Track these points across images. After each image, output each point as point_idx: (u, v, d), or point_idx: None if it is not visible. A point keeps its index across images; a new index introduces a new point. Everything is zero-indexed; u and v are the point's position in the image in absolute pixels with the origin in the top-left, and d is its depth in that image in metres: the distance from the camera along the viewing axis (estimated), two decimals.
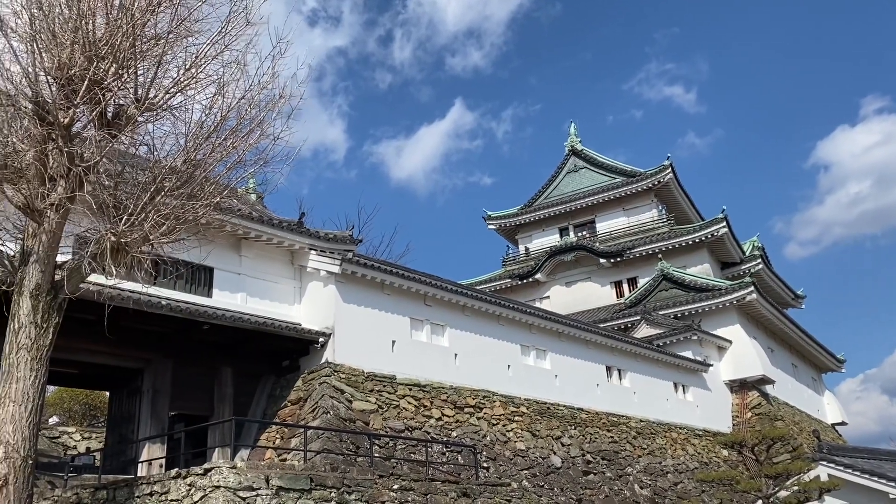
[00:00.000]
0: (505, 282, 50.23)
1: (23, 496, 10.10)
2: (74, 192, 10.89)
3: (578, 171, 53.72)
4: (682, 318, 41.01)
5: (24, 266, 11.11)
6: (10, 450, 10.12)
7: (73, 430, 30.71)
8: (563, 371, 30.27)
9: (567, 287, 48.96)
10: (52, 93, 10.63)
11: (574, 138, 55.37)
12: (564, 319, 32.21)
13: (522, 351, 28.93)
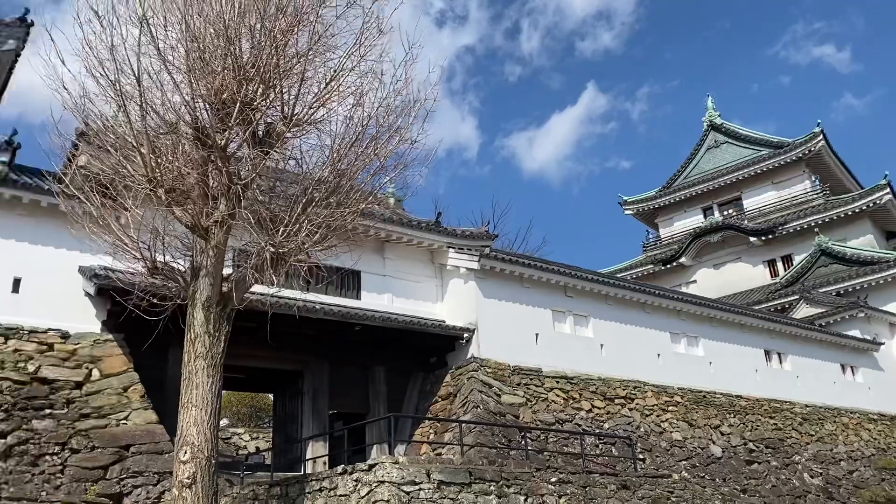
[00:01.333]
0: (647, 268, 48.73)
1: (209, 493, 10.92)
2: (234, 208, 11.62)
3: (719, 146, 51.15)
4: (844, 294, 38.14)
5: (195, 280, 11.98)
6: (195, 451, 10.97)
7: (243, 430, 32.94)
8: (717, 357, 28.97)
9: (715, 269, 46.80)
10: (208, 117, 11.41)
11: (712, 112, 52.77)
12: (716, 303, 30.82)
13: (672, 338, 27.96)
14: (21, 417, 15.92)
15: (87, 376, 17.34)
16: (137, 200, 11.51)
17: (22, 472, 15.17)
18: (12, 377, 16.40)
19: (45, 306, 17.67)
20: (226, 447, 29.96)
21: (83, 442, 16.19)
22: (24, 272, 17.76)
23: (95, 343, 17.94)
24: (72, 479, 15.56)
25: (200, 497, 10.86)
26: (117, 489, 15.84)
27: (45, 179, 18.04)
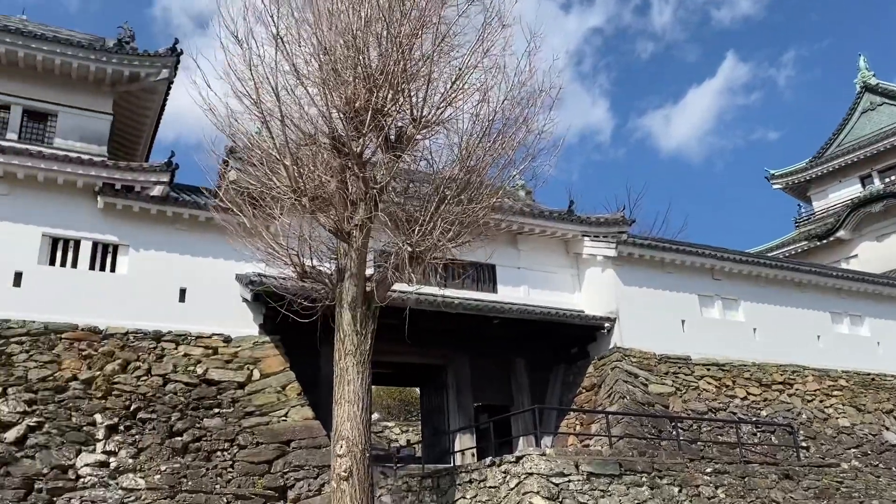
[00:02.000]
0: (800, 245, 45.59)
1: (365, 485, 11.43)
2: (372, 212, 12.06)
3: (875, 108, 47.00)
4: None
5: (340, 282, 12.55)
6: (350, 444, 11.51)
7: (393, 424, 34.06)
8: (886, 337, 26.76)
9: (878, 242, 43.07)
10: (343, 126, 11.90)
11: (865, 73, 48.56)
12: (882, 279, 28.45)
13: (833, 319, 26.13)
14: (193, 416, 17.32)
15: (249, 377, 18.59)
16: (284, 210, 12.21)
17: (198, 466, 16.50)
18: (183, 379, 17.87)
19: (209, 313, 19.10)
20: (378, 440, 31.09)
21: (248, 438, 17.38)
22: (188, 283, 19.28)
23: (255, 345, 19.19)
24: (240, 473, 16.74)
25: (357, 489, 11.38)
26: (281, 482, 16.88)
27: (201, 196, 19.53)
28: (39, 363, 16.79)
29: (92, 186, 18.65)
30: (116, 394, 16.96)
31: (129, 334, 18.12)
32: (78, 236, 18.60)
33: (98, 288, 18.37)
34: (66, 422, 16.08)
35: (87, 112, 20.65)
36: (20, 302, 17.41)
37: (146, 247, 19.16)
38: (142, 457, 16.25)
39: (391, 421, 35.29)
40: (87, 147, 20.10)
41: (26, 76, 19.97)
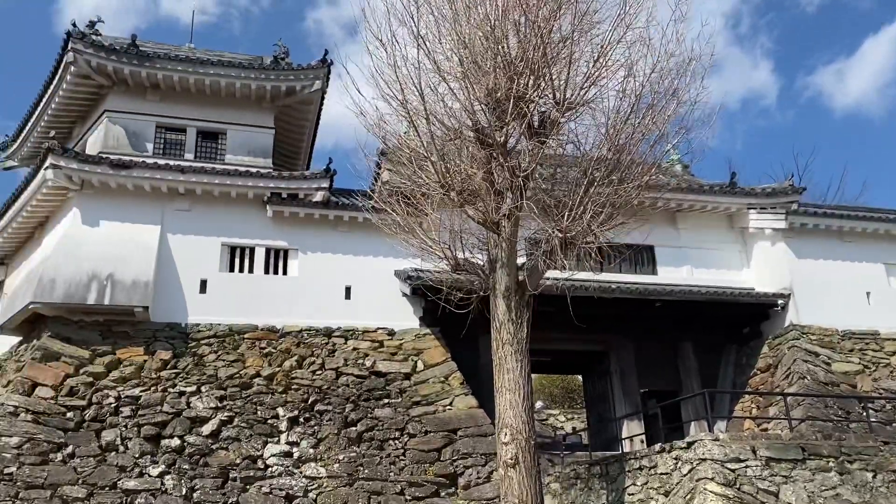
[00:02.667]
0: None
1: (533, 472, 11.47)
2: (519, 200, 12.03)
3: None
4: None
5: (493, 272, 12.65)
6: (514, 432, 11.59)
7: (558, 411, 33.89)
8: None
9: None
10: (486, 117, 11.96)
11: None
12: None
13: None
14: (365, 407, 18.18)
15: (414, 367, 19.23)
16: (435, 205, 12.48)
17: (372, 455, 17.32)
18: (354, 372, 18.80)
19: (373, 308, 19.96)
20: (543, 428, 31.08)
21: (417, 427, 17.99)
22: (352, 281, 20.25)
23: (417, 337, 19.82)
24: (412, 460, 17.37)
25: (525, 476, 11.44)
26: (451, 470, 17.33)
27: (357, 198, 20.41)
28: (227, 362, 18.32)
29: (261, 196, 20.05)
30: (295, 388, 18.15)
31: (302, 332, 19.34)
32: (252, 244, 20.08)
33: (272, 290, 19.73)
34: (253, 415, 17.42)
35: (252, 128, 22.19)
36: (207, 307, 19.08)
37: (312, 249, 20.33)
38: (321, 447, 17.30)
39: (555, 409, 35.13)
40: (254, 161, 21.60)
41: (197, 100, 21.77)
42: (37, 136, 22.93)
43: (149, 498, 15.43)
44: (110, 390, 17.10)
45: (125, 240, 18.91)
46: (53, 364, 17.15)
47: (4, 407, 16.12)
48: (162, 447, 16.43)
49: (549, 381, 38.48)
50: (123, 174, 19.00)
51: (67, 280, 17.86)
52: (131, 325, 18.35)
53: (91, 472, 15.58)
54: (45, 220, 20.63)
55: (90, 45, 20.31)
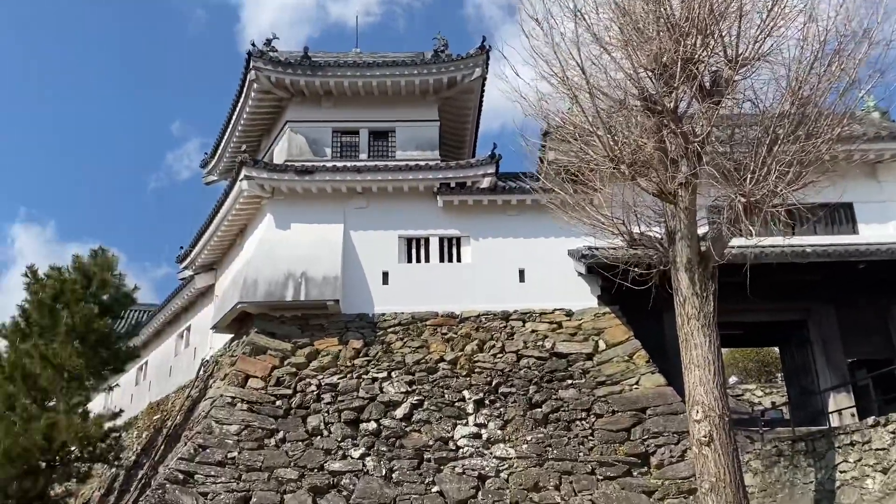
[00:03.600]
0: None
1: (729, 450, 10.97)
2: (696, 167, 11.48)
3: None
4: None
5: (672, 245, 12.18)
6: (706, 409, 11.13)
7: (754, 386, 32.06)
8: None
9: None
10: (653, 84, 11.51)
11: None
12: None
13: None
14: (549, 389, 18.23)
15: (595, 347, 18.99)
16: (604, 180, 12.22)
17: (560, 436, 17.35)
18: (534, 354, 18.91)
19: (548, 290, 19.94)
20: (738, 404, 29.52)
21: (604, 407, 17.77)
22: (525, 264, 20.35)
23: (596, 317, 19.55)
24: (601, 440, 17.20)
25: (721, 454, 10.97)
26: (642, 449, 16.95)
27: (524, 180, 20.44)
28: (412, 348, 19.12)
29: (431, 188, 20.66)
30: (478, 371, 18.59)
31: (480, 316, 19.74)
32: (426, 234, 20.77)
33: (448, 278, 20.31)
34: (441, 398, 18.07)
35: (418, 123, 22.88)
36: (390, 297, 20.03)
37: (484, 235, 20.66)
38: (508, 428, 17.59)
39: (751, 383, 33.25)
40: (422, 154, 22.28)
41: (367, 102, 22.80)
42: (230, 152, 25.15)
43: (352, 478, 16.49)
44: (311, 379, 18.44)
45: (314, 239, 20.27)
46: (261, 357, 18.78)
47: (223, 398, 17.88)
48: (361, 430, 17.49)
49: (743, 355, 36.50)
50: (307, 179, 20.37)
51: (267, 280, 19.47)
52: (325, 318, 19.67)
53: (300, 455, 16.92)
54: (244, 228, 22.59)
55: (269, 61, 21.90)
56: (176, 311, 28.14)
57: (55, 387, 19.17)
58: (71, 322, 19.31)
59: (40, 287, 20.25)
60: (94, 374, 20.28)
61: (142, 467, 21.61)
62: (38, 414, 18.45)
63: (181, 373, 26.15)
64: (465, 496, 16.24)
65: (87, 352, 19.54)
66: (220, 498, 15.78)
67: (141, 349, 27.77)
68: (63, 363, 19.01)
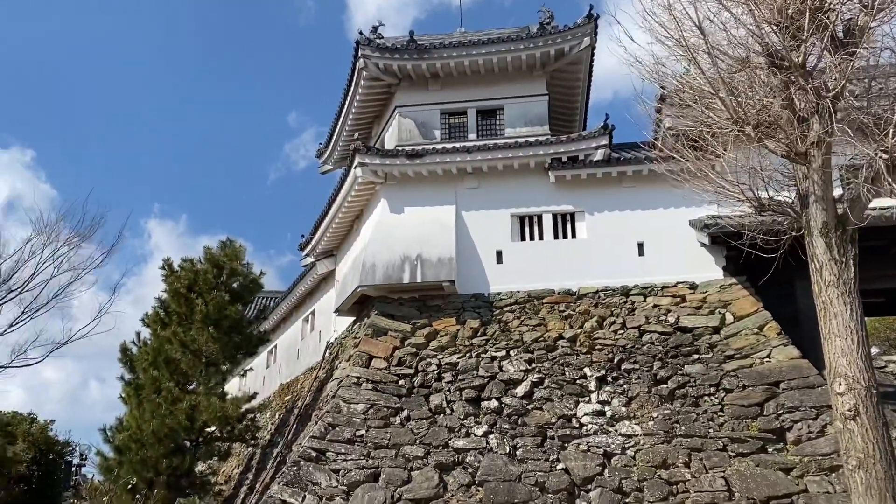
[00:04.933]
0: None
1: (878, 424, 10.23)
2: (829, 124, 10.70)
3: None
4: None
5: (805, 209, 11.43)
6: (850, 382, 10.43)
7: None
8: None
9: None
10: (778, 39, 10.78)
11: None
12: None
13: None
14: (674, 364, 17.69)
15: (722, 320, 18.24)
16: (728, 144, 11.61)
17: (687, 412, 16.82)
18: (658, 329, 18.38)
19: (669, 263, 19.31)
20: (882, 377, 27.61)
21: (734, 382, 17.07)
22: (644, 236, 19.78)
23: (721, 289, 18.77)
24: (731, 416, 16.54)
25: (868, 429, 10.26)
26: (777, 424, 16.18)
27: (639, 150, 19.80)
28: (530, 327, 19.04)
29: (542, 164, 20.40)
30: (598, 348, 18.29)
31: (598, 293, 19.38)
32: (539, 211, 20.57)
33: (563, 254, 20.05)
34: (561, 376, 17.92)
35: (527, 98, 22.60)
36: (504, 276, 20.02)
37: (599, 209, 20.23)
38: (633, 405, 17.24)
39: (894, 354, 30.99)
40: (531, 130, 22.02)
41: (474, 81, 22.73)
42: (344, 140, 25.81)
43: (477, 455, 16.67)
44: (432, 359, 18.74)
45: (427, 222, 20.52)
46: (383, 338, 19.26)
47: (349, 378, 18.49)
48: (482, 409, 17.63)
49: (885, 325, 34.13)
50: (418, 162, 20.60)
51: (385, 263, 19.90)
52: (442, 299, 19.91)
53: (425, 432, 17.26)
54: (360, 213, 23.18)
55: (376, 48, 22.23)
56: (300, 297, 29.34)
57: (195, 371, 20.46)
58: (205, 309, 20.48)
59: (176, 278, 21.59)
60: (229, 359, 21.46)
61: (276, 446, 22.74)
62: (181, 396, 19.73)
63: (308, 355, 27.28)
64: (591, 473, 16.07)
65: (222, 337, 20.70)
66: (352, 474, 16.36)
67: (270, 333, 29.20)
68: (200, 348, 20.24)
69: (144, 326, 22.06)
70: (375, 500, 15.83)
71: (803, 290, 16.13)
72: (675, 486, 15.65)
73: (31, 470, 31.66)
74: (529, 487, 15.94)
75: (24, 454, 31.16)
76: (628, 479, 15.87)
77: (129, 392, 20.79)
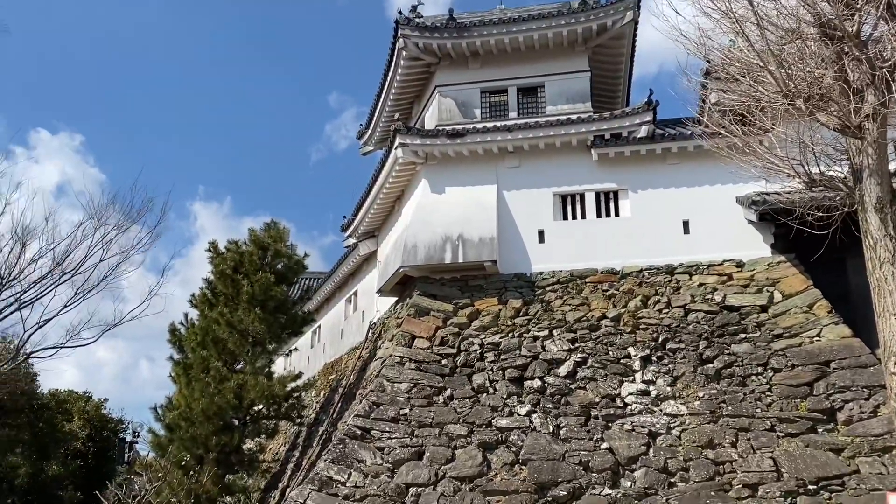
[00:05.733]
0: None
1: None
2: (885, 96, 10.33)
3: None
4: None
5: (858, 184, 11.11)
6: None
7: None
8: None
9: None
10: (830, 9, 10.43)
11: None
12: None
13: None
14: (720, 343, 17.44)
15: (770, 299, 17.90)
16: (777, 119, 11.31)
17: (734, 392, 16.59)
18: (703, 308, 18.11)
19: (715, 241, 18.98)
20: None
21: (782, 361, 16.77)
22: (689, 214, 19.45)
23: (769, 266, 18.39)
24: (780, 396, 16.26)
25: None
26: (827, 404, 15.87)
27: (684, 126, 19.42)
28: (572, 306, 18.94)
29: (584, 142, 20.15)
30: (643, 328, 18.11)
31: (643, 271, 19.16)
32: (581, 189, 20.36)
33: (606, 233, 19.84)
34: (605, 356, 17.81)
35: (568, 75, 22.29)
36: (546, 255, 19.90)
37: (643, 187, 19.94)
38: (678, 384, 17.07)
39: None
40: (573, 107, 21.74)
41: (514, 59, 22.49)
42: (384, 121, 25.84)
43: (520, 434, 16.71)
44: (474, 338, 18.79)
45: (468, 202, 20.48)
46: (425, 318, 19.35)
47: (392, 358, 18.65)
48: (525, 388, 17.64)
49: None
50: (458, 142, 20.52)
51: (426, 244, 19.95)
52: (483, 279, 19.90)
53: (468, 411, 17.35)
54: (401, 194, 23.24)
55: (415, 28, 22.12)
56: (343, 278, 29.63)
57: (241, 350, 20.85)
58: (251, 290, 20.81)
59: (222, 260, 21.96)
60: (275, 339, 21.81)
61: (321, 424, 23.12)
62: (229, 375, 20.14)
63: (351, 335, 27.59)
64: (636, 453, 15.99)
65: (268, 317, 21.02)
66: (396, 452, 16.56)
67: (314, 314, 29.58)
68: (247, 328, 20.60)
69: (192, 307, 22.51)
70: (420, 478, 16.01)
71: (855, 267, 15.73)
72: (721, 466, 15.49)
73: (86, 446, 32.85)
74: (573, 466, 15.93)
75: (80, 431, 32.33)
76: (674, 459, 15.75)
77: (178, 371, 21.29)
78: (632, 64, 24.22)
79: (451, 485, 15.86)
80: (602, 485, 15.62)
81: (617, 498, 15.37)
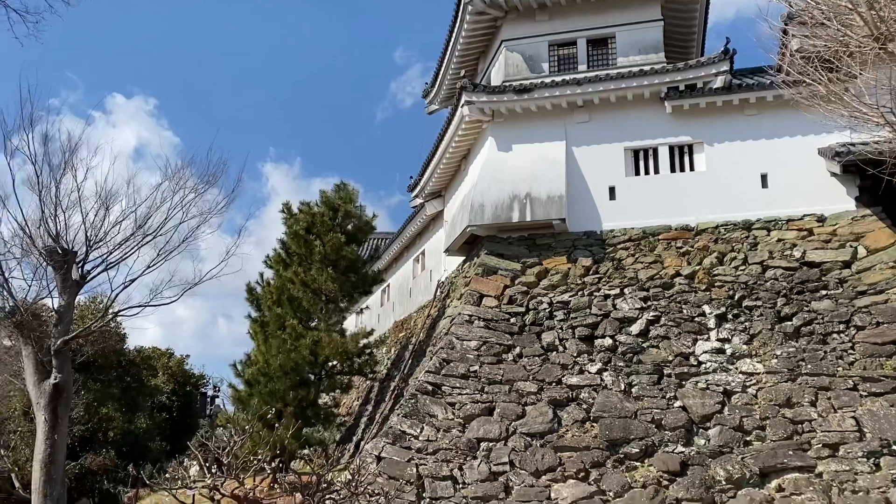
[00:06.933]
0: None
1: None
2: None
3: None
4: None
5: None
6: None
7: None
8: None
9: None
10: None
11: None
12: None
13: None
14: (799, 300, 16.90)
15: (854, 254, 17.20)
16: (866, 64, 10.69)
17: (814, 350, 16.11)
18: (782, 265, 17.54)
19: (795, 194, 18.27)
20: None
21: (866, 319, 16.16)
22: (768, 167, 18.73)
23: (853, 221, 17.62)
24: (863, 354, 15.71)
25: None
26: None
27: (764, 75, 18.59)
28: (645, 264, 18.62)
29: (657, 94, 19.55)
30: (718, 285, 17.69)
31: (718, 227, 18.65)
32: (654, 144, 19.82)
33: (680, 188, 19.32)
34: (678, 314, 17.50)
35: (639, 25, 21.55)
36: (617, 212, 19.55)
37: (719, 140, 19.28)
38: (754, 342, 16.67)
39: None
40: (645, 58, 21.04)
41: (583, 9, 21.86)
42: (450, 78, 25.62)
43: (591, 392, 16.68)
44: (543, 297, 18.72)
45: (536, 159, 20.22)
46: (493, 277, 19.38)
47: (461, 316, 18.79)
48: (596, 346, 17.53)
49: None
50: (525, 97, 20.19)
51: (493, 203, 19.85)
52: (552, 237, 19.73)
53: (538, 369, 17.39)
54: (467, 153, 23.11)
55: None
56: (411, 237, 29.86)
57: (315, 308, 21.35)
58: (323, 250, 21.20)
59: (295, 221, 22.39)
60: (347, 297, 22.24)
61: (393, 380, 23.59)
62: (304, 332, 20.68)
63: (420, 293, 27.89)
64: (710, 411, 15.77)
65: (339, 277, 21.42)
66: (467, 408, 16.78)
67: (383, 273, 29.99)
68: (320, 287, 21.05)
69: (267, 267, 23.10)
70: (491, 433, 16.21)
71: None
72: (799, 426, 15.14)
73: (171, 400, 34.50)
74: (646, 424, 15.84)
75: (165, 386, 33.93)
76: (749, 418, 15.47)
77: (255, 329, 21.97)
78: (707, 10, 23.22)
79: (522, 440, 16.01)
80: (675, 443, 15.50)
81: (690, 455, 15.23)
